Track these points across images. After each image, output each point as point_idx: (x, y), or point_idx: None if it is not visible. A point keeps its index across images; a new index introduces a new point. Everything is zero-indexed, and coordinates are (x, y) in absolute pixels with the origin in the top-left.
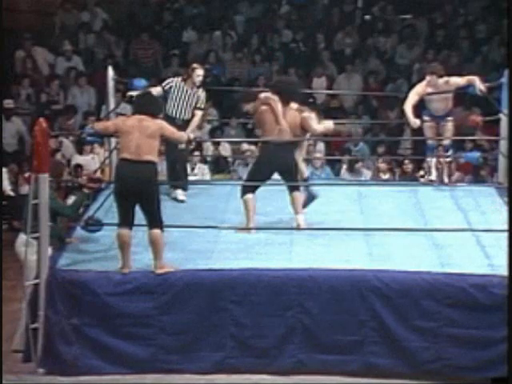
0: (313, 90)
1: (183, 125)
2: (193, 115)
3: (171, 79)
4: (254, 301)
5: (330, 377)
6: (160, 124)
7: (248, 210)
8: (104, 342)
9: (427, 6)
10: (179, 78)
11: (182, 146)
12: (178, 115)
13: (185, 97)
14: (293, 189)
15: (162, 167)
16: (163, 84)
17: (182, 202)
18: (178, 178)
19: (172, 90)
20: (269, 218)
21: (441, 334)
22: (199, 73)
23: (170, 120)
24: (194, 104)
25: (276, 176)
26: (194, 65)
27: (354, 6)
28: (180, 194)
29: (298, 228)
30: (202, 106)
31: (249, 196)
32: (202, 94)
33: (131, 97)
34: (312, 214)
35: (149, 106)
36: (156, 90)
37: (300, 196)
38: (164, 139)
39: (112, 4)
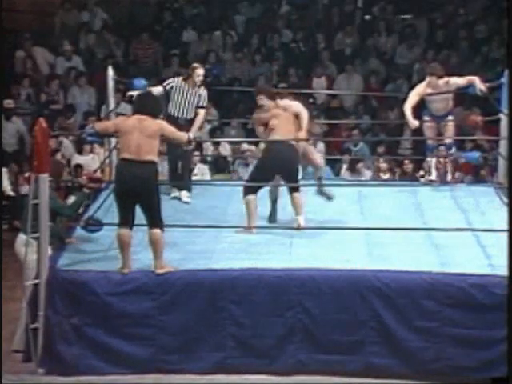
0: (313, 90)
1: (186, 124)
2: (196, 114)
3: (172, 79)
4: (254, 301)
5: (330, 377)
6: (160, 124)
7: (250, 211)
8: (104, 342)
9: (427, 6)
10: (180, 78)
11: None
12: (180, 115)
13: (187, 96)
14: (293, 190)
15: (163, 167)
16: (164, 84)
17: (186, 203)
18: (180, 179)
19: (173, 89)
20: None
21: (441, 334)
22: (200, 72)
23: (173, 120)
24: (196, 103)
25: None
26: (195, 64)
27: (354, 5)
28: (185, 195)
29: (298, 228)
30: (205, 105)
31: (251, 197)
32: (203, 92)
33: (131, 97)
34: (312, 214)
35: (149, 106)
36: (157, 90)
37: (300, 197)
38: (164, 139)
39: (112, 4)
